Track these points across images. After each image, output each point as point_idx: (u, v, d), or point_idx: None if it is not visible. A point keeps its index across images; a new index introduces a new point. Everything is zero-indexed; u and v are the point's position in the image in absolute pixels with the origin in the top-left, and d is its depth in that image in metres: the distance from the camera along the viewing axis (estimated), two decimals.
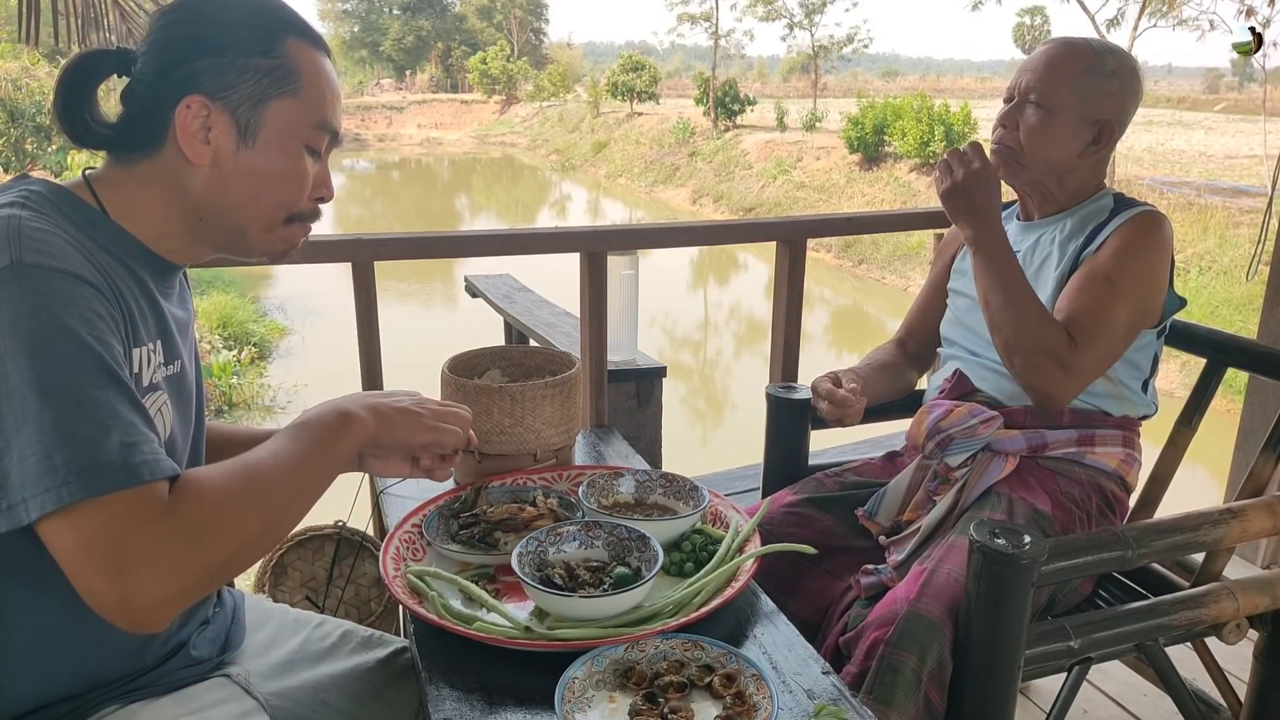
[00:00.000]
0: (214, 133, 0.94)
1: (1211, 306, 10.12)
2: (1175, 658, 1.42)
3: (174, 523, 0.79)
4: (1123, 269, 1.47)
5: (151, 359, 0.94)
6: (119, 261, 0.92)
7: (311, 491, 0.95)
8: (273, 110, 0.96)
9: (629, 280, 2.54)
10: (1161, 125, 26.34)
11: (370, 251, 1.86)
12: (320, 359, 9.20)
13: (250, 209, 0.98)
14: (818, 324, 12.94)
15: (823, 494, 1.61)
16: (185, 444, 1.02)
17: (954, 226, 1.85)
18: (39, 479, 0.75)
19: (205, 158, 0.94)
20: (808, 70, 41.19)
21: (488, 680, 0.99)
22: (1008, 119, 1.58)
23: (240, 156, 0.95)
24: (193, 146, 0.93)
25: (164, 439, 0.93)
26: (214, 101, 0.93)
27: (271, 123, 0.96)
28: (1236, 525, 1.42)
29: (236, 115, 0.94)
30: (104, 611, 0.77)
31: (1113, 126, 1.55)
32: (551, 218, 23.74)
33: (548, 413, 1.45)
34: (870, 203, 17.91)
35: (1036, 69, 1.55)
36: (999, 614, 1.19)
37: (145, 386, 0.91)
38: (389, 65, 58.66)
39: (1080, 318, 1.45)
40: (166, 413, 0.95)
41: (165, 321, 0.98)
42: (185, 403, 1.02)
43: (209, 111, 0.93)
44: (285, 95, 0.96)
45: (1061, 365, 1.44)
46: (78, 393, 0.78)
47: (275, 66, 0.95)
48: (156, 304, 0.97)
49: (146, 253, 0.96)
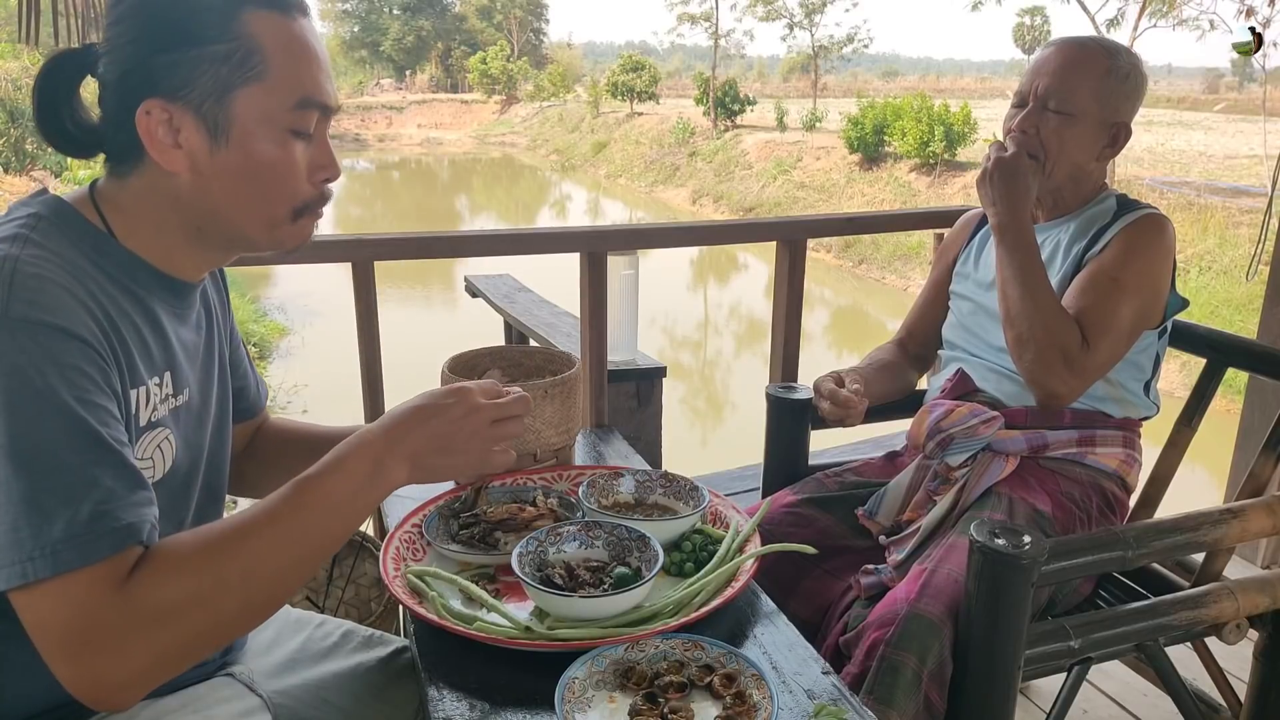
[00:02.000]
0: (183, 136, 0.86)
1: (1211, 306, 10.11)
2: (1175, 658, 1.42)
3: (134, 604, 0.75)
4: (1127, 269, 1.47)
5: (153, 396, 0.89)
6: (128, 293, 0.88)
7: (315, 559, 0.86)
8: (240, 101, 0.86)
9: (629, 280, 2.54)
10: (1161, 125, 26.34)
11: (370, 251, 1.86)
12: (320, 359, 9.20)
13: (244, 211, 0.91)
14: (818, 324, 12.94)
15: (823, 494, 1.61)
16: (196, 473, 0.99)
17: (954, 228, 1.85)
18: (4, 551, 0.73)
19: (181, 165, 0.87)
20: (808, 70, 41.19)
21: (488, 680, 0.99)
22: (1027, 124, 1.55)
23: (218, 158, 0.87)
24: (164, 154, 0.86)
25: (161, 475, 0.91)
26: (174, 103, 0.85)
27: (242, 115, 0.87)
28: (1236, 525, 1.42)
29: (202, 114, 0.86)
30: (69, 690, 0.74)
31: (1127, 128, 1.56)
32: (551, 218, 23.75)
33: (548, 413, 1.45)
34: (870, 203, 17.91)
35: (1054, 73, 1.53)
36: (999, 614, 1.19)
37: (144, 426, 0.88)
38: (389, 65, 58.67)
39: (1085, 316, 1.45)
40: (167, 448, 0.92)
41: (173, 352, 0.94)
42: (197, 429, 0.98)
43: (170, 114, 0.85)
44: (250, 81, 0.86)
45: (1070, 365, 1.43)
46: (51, 459, 0.74)
47: (232, 51, 0.85)
48: (165, 335, 0.92)
49: (159, 277, 0.91)
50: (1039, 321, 1.44)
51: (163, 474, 0.93)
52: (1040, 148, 1.54)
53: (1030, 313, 1.45)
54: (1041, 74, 1.55)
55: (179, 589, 0.77)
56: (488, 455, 0.96)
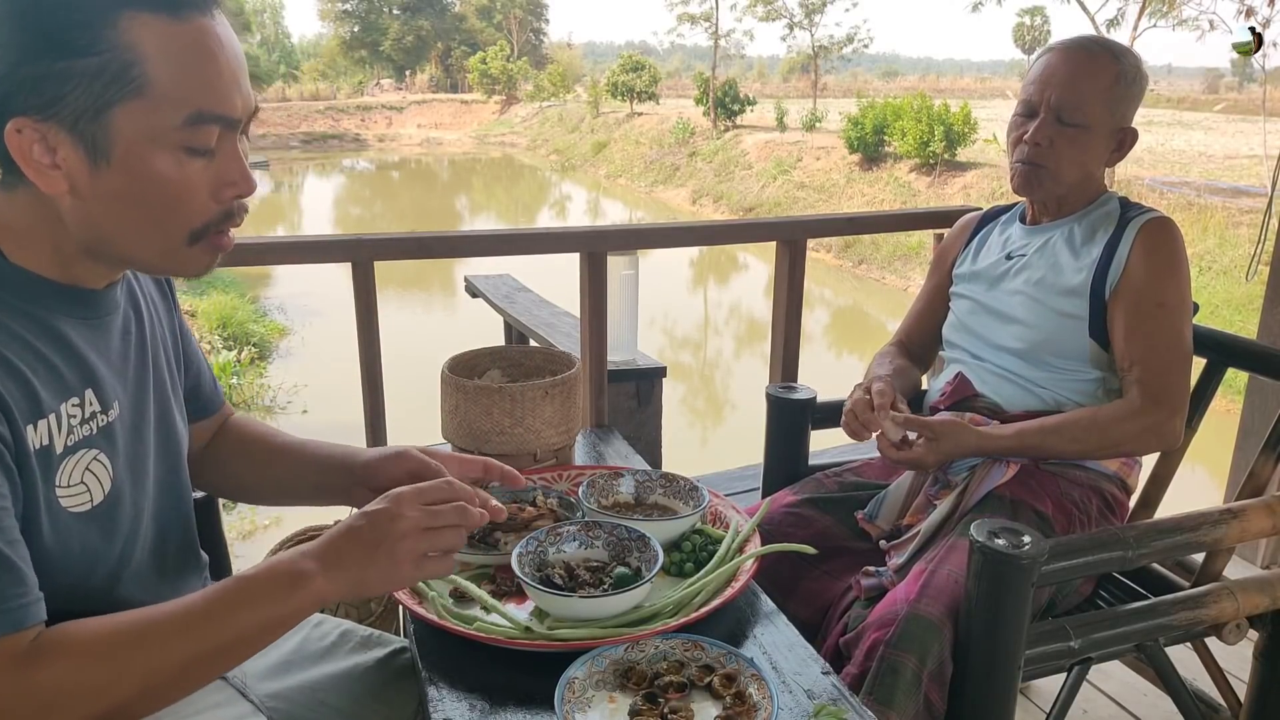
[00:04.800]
0: (60, 155, 0.77)
1: (1211, 306, 10.12)
2: (1175, 658, 1.42)
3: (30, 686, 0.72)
4: (1165, 287, 1.48)
5: (67, 419, 0.83)
6: (22, 315, 0.81)
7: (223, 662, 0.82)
8: (119, 118, 0.77)
9: (629, 280, 2.54)
10: (1161, 125, 26.34)
11: (370, 251, 1.86)
12: (320, 359, 9.20)
13: (132, 236, 0.83)
14: (818, 324, 12.94)
15: (823, 494, 1.61)
16: (143, 484, 0.95)
17: (952, 231, 1.84)
18: None
19: (60, 186, 0.79)
20: (808, 70, 41.20)
21: (488, 680, 0.99)
22: (1040, 135, 1.53)
23: (99, 180, 0.79)
24: (42, 176, 0.78)
25: (102, 497, 0.87)
26: (44, 122, 0.76)
27: (122, 133, 0.78)
28: (1236, 525, 1.42)
29: (78, 132, 0.77)
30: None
31: (1133, 131, 1.56)
32: (551, 218, 23.74)
33: (548, 413, 1.45)
34: (870, 203, 17.91)
35: (1065, 83, 1.51)
36: (999, 614, 1.19)
37: (60, 453, 0.82)
38: (389, 65, 58.66)
39: (1153, 352, 1.46)
40: (99, 469, 0.87)
41: (90, 367, 0.87)
42: (135, 441, 0.93)
43: (42, 134, 0.76)
44: (129, 97, 0.77)
45: (1154, 429, 1.45)
46: None
47: (104, 65, 0.75)
48: (77, 352, 0.85)
49: (58, 290, 0.84)
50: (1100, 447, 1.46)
51: (102, 496, 0.88)
52: (1053, 159, 1.53)
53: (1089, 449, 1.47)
54: (1052, 84, 1.52)
55: (78, 676, 0.75)
56: (420, 564, 0.87)
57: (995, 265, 1.66)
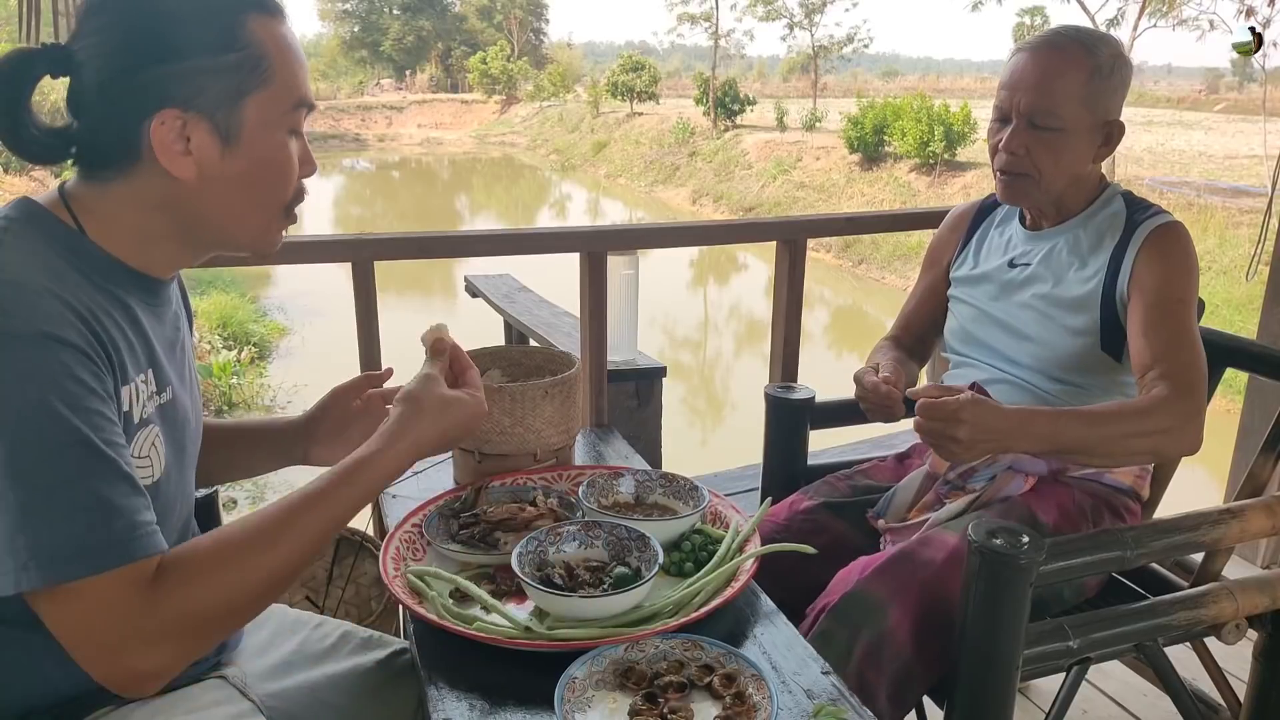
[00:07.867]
0: (194, 143, 0.87)
1: (1212, 306, 10.01)
2: (1175, 658, 1.42)
3: (159, 610, 0.79)
4: (1182, 285, 1.42)
5: (141, 393, 0.90)
6: (104, 292, 0.87)
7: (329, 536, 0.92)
8: (251, 105, 0.88)
9: (629, 280, 2.54)
10: (1161, 125, 26.34)
11: (370, 251, 1.86)
12: (320, 359, 9.20)
13: (246, 212, 0.93)
14: (817, 324, 12.94)
15: (836, 498, 1.58)
16: (181, 474, 0.99)
17: (942, 229, 1.80)
18: (4, 558, 0.75)
19: (190, 171, 0.87)
20: (808, 70, 41.16)
21: (488, 680, 0.99)
22: (1014, 144, 1.45)
23: (227, 162, 0.89)
24: (175, 162, 0.87)
25: (159, 475, 0.92)
26: (188, 112, 0.86)
27: (252, 118, 0.89)
28: (1236, 525, 1.42)
29: (215, 120, 0.87)
30: (101, 683, 0.79)
31: (1120, 124, 1.49)
32: (551, 217, 23.75)
33: (548, 413, 1.45)
34: (870, 203, 17.91)
35: (1034, 87, 1.42)
36: (997, 614, 1.19)
37: (137, 424, 0.88)
38: (389, 65, 58.63)
39: (1178, 348, 1.37)
40: (160, 446, 0.92)
41: (153, 348, 0.94)
42: (179, 428, 0.98)
43: (184, 122, 0.86)
44: (260, 87, 0.88)
45: (1190, 416, 1.33)
46: (49, 475, 0.76)
47: (244, 60, 0.87)
48: (144, 332, 0.92)
49: (133, 275, 0.91)
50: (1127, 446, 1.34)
51: (161, 474, 0.92)
52: (1033, 166, 1.47)
53: (1117, 451, 1.35)
54: (1021, 88, 1.44)
55: (202, 595, 0.82)
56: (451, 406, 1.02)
57: (999, 272, 1.60)
